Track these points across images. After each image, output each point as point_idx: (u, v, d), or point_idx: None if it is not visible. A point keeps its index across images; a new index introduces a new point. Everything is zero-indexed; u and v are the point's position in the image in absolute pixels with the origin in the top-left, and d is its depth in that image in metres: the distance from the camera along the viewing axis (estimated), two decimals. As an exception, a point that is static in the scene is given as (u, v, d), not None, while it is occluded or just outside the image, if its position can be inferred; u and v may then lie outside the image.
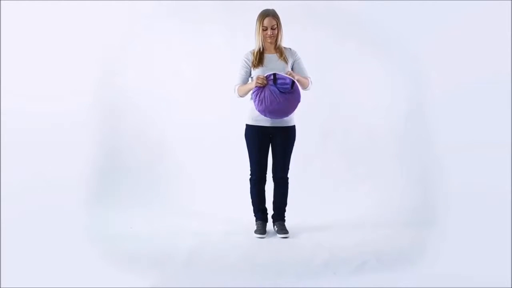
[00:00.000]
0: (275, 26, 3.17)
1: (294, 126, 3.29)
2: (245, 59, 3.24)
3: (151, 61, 4.50)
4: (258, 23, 3.19)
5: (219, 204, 3.85)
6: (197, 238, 3.21)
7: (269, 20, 3.17)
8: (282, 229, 3.28)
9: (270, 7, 3.24)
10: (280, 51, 3.23)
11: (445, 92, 3.73)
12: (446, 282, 2.45)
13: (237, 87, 3.25)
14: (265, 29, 3.17)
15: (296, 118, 3.30)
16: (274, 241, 3.21)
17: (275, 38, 3.20)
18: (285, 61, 3.22)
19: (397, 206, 3.81)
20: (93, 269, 2.67)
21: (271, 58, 3.23)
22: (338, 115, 4.35)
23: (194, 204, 3.98)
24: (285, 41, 3.28)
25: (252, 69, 3.23)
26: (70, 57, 4.09)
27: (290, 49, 3.28)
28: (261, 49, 3.21)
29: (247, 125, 3.28)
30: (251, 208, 3.38)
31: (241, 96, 3.25)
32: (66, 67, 4.09)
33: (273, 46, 3.23)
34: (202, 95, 4.42)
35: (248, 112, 3.26)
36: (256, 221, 3.35)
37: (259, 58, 3.21)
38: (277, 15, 3.20)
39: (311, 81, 3.26)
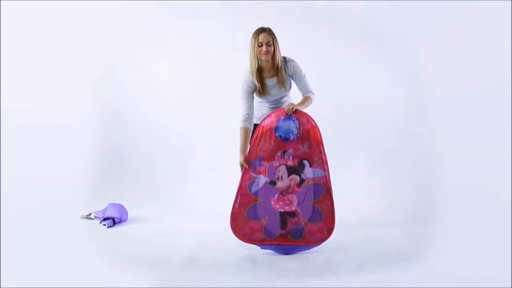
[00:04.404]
0: (271, 42, 3.01)
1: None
2: (247, 85, 3.06)
3: (151, 61, 4.50)
4: (253, 40, 3.03)
5: (220, 204, 3.85)
6: (197, 238, 3.21)
7: (264, 36, 3.00)
8: (282, 229, 3.28)
9: (270, 7, 3.21)
10: (277, 72, 3.07)
11: (445, 92, 3.73)
12: (446, 282, 2.45)
13: (241, 126, 3.05)
14: (260, 45, 3.00)
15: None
16: (274, 241, 3.20)
17: (271, 55, 3.02)
18: (283, 85, 3.08)
19: (397, 206, 3.81)
20: (93, 269, 2.67)
21: (270, 84, 3.08)
22: (338, 115, 4.35)
23: (195, 203, 3.98)
24: (285, 42, 3.25)
25: (258, 95, 3.10)
26: (70, 57, 4.09)
27: (286, 61, 3.10)
28: (257, 68, 3.02)
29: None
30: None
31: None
32: (66, 67, 4.09)
33: (269, 65, 3.06)
34: (203, 94, 4.42)
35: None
36: (256, 221, 3.35)
37: (261, 85, 3.05)
38: (273, 32, 3.05)
39: (313, 96, 3.10)
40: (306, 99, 3.07)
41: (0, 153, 3.64)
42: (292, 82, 3.16)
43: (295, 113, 2.91)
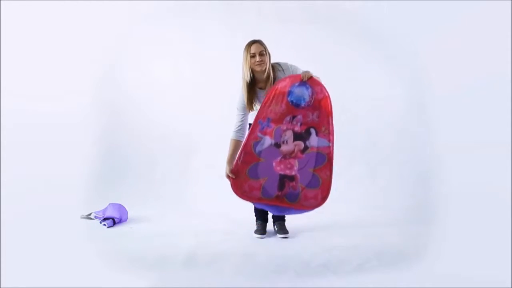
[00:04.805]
0: (263, 52, 3.01)
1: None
2: (243, 99, 3.08)
3: (151, 61, 4.51)
4: (245, 52, 3.03)
5: (220, 204, 3.86)
6: (197, 238, 3.21)
7: (256, 46, 3.02)
8: (282, 229, 3.28)
9: (270, 7, 3.22)
10: (267, 83, 3.06)
11: (445, 92, 3.73)
12: (446, 282, 2.45)
13: (232, 137, 3.10)
14: (253, 56, 3.01)
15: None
16: (274, 241, 3.20)
17: (265, 64, 3.02)
18: None
19: (397, 205, 3.81)
20: (93, 269, 2.67)
21: (261, 95, 3.08)
22: (338, 115, 4.33)
23: (195, 203, 3.98)
24: (285, 42, 3.25)
25: (248, 111, 3.10)
26: (70, 57, 4.10)
27: (283, 68, 3.10)
28: (249, 80, 3.03)
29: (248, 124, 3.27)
30: (251, 208, 3.38)
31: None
32: (66, 67, 4.09)
33: (263, 74, 3.05)
34: (203, 94, 4.43)
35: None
36: (256, 221, 3.35)
37: (253, 96, 3.05)
38: (262, 42, 3.06)
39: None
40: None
41: (0, 153, 3.64)
42: None
43: (310, 81, 2.96)
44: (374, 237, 3.18)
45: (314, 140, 2.97)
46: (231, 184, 3.01)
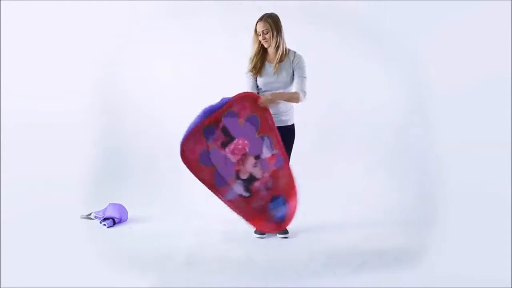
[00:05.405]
0: (267, 30, 3.08)
1: (293, 125, 3.28)
2: (250, 66, 3.19)
3: (151, 61, 4.50)
4: (254, 29, 3.14)
5: (219, 204, 3.85)
6: (197, 238, 3.21)
7: (260, 25, 3.09)
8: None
9: (270, 7, 3.22)
10: (276, 57, 3.13)
11: (445, 92, 3.73)
12: (446, 282, 2.45)
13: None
14: (259, 34, 3.11)
15: (295, 118, 3.30)
16: (274, 241, 3.20)
17: (269, 43, 3.11)
18: (277, 74, 3.13)
19: (397, 205, 3.81)
20: (93, 269, 2.67)
21: (268, 68, 3.16)
22: (338, 115, 4.35)
23: (195, 203, 3.98)
24: (285, 42, 3.25)
25: (253, 75, 3.18)
26: (70, 57, 4.10)
27: (293, 55, 3.17)
28: (256, 55, 3.14)
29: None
30: (251, 208, 3.38)
31: None
32: (66, 67, 4.10)
33: (273, 51, 3.15)
34: (203, 94, 4.41)
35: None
36: (256, 221, 3.35)
37: (260, 65, 3.14)
38: (272, 19, 3.10)
39: (303, 96, 3.12)
40: (293, 92, 3.14)
41: (0, 153, 3.64)
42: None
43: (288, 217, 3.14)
44: (374, 237, 3.17)
45: (237, 188, 3.16)
46: (246, 94, 3.03)
